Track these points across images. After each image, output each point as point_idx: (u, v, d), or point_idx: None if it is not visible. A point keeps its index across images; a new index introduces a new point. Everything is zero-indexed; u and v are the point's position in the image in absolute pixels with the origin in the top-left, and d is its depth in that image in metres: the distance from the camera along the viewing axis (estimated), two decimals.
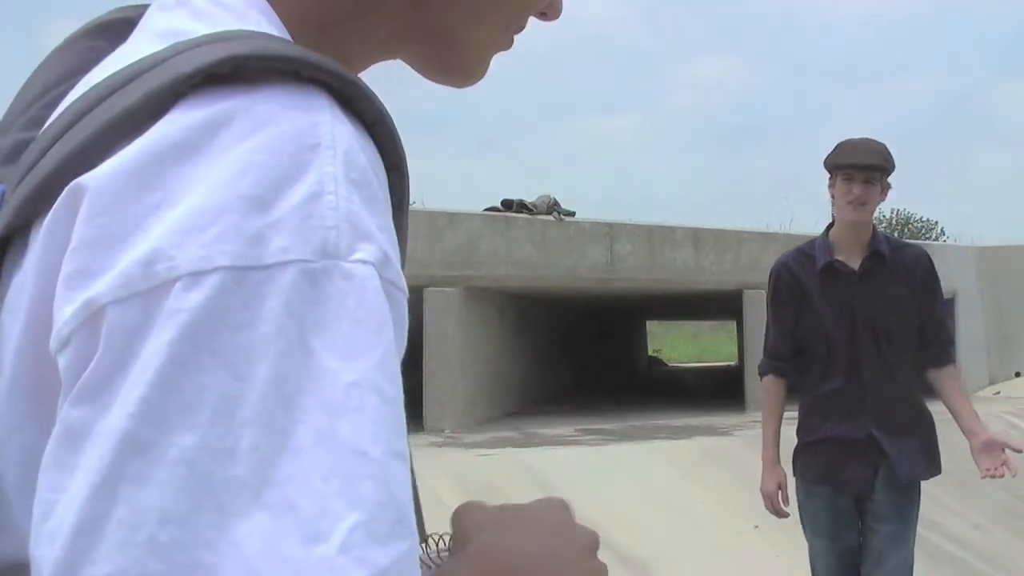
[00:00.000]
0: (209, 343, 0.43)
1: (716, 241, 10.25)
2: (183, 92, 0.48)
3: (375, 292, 0.46)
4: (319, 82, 0.50)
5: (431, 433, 8.31)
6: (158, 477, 0.41)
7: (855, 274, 3.30)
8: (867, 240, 3.33)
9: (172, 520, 0.41)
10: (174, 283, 0.43)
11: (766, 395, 3.45)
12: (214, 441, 0.42)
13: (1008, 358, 12.71)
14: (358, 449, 0.43)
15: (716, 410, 9.57)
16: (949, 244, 16.97)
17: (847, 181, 3.25)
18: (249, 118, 0.47)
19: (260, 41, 0.51)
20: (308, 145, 0.47)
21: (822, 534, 3.33)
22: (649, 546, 5.49)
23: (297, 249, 0.45)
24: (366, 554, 0.41)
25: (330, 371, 0.44)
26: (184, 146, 0.47)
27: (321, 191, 0.46)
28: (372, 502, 0.43)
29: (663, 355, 24.77)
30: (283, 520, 0.41)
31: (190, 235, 0.44)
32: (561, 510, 0.60)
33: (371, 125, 0.53)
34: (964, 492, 7.01)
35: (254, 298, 0.44)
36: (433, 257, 8.79)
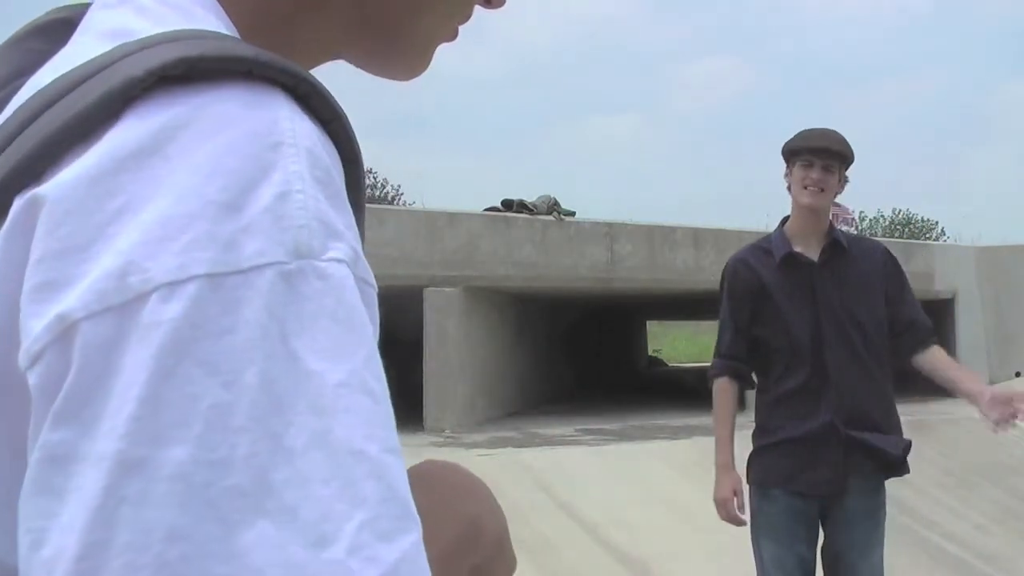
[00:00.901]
0: (193, 353, 0.42)
1: (716, 241, 10.25)
2: (134, 96, 0.47)
3: (351, 291, 0.46)
4: (273, 80, 0.49)
5: (431, 433, 8.31)
6: (157, 494, 0.40)
7: (815, 264, 3.20)
8: (824, 230, 3.24)
9: (177, 537, 0.40)
10: (150, 295, 0.42)
11: (721, 396, 3.30)
12: (209, 452, 0.41)
13: (1008, 358, 12.70)
14: (354, 449, 0.43)
15: None
16: (949, 244, 16.97)
17: (805, 167, 3.17)
18: (207, 120, 0.46)
19: (211, 41, 0.50)
20: (271, 144, 0.46)
21: (778, 540, 3.16)
22: (649, 546, 5.49)
23: (271, 251, 0.44)
24: (375, 553, 0.41)
25: (317, 372, 0.43)
26: (143, 151, 0.45)
27: (289, 190, 0.45)
28: (375, 500, 0.42)
29: (663, 355, 24.76)
30: (287, 526, 0.41)
31: (162, 244, 0.43)
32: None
33: (327, 122, 0.52)
34: (964, 492, 7.01)
35: (233, 304, 0.43)
36: (433, 257, 8.78)
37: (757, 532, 3.24)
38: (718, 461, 3.26)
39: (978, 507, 6.78)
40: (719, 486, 3.24)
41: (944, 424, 8.47)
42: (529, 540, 5.44)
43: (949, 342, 11.70)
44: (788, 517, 3.17)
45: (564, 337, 13.28)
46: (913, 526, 4.64)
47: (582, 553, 5.40)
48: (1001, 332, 12.65)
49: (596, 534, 5.61)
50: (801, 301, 3.18)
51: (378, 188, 36.00)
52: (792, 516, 3.17)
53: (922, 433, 3.36)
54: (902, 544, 3.37)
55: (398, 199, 34.26)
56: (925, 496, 3.42)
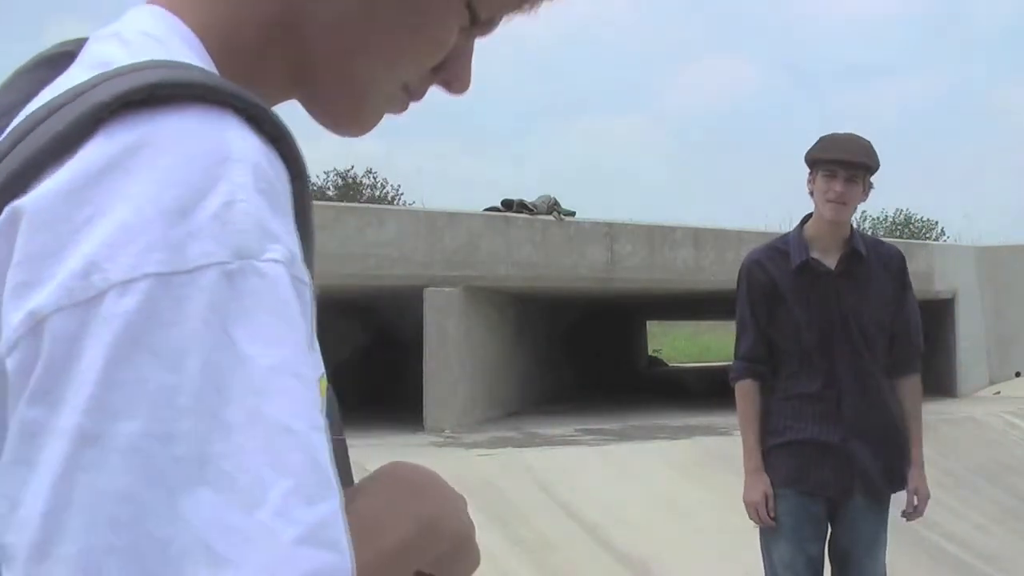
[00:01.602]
0: (144, 342, 0.48)
1: (716, 241, 10.25)
2: (103, 118, 0.54)
3: (285, 287, 0.53)
4: (226, 104, 0.56)
5: (431, 433, 8.30)
6: (110, 463, 0.46)
7: (832, 273, 3.17)
8: (845, 238, 3.20)
9: (126, 499, 0.46)
10: (108, 292, 0.49)
11: (745, 400, 3.24)
12: (157, 427, 0.47)
13: (1008, 358, 12.71)
14: (283, 425, 0.49)
15: (716, 410, 9.56)
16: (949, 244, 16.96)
17: (828, 178, 3.12)
18: (165, 138, 0.53)
19: (172, 70, 0.57)
20: (219, 159, 0.53)
21: (787, 540, 3.16)
22: (649, 546, 5.49)
23: (215, 253, 0.51)
24: (298, 515, 0.48)
25: (253, 358, 0.50)
26: (109, 167, 0.52)
27: (234, 199, 0.52)
28: (299, 470, 0.49)
29: (663, 355, 24.75)
30: (224, 492, 0.47)
31: (120, 247, 0.50)
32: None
33: (274, 141, 0.58)
34: (964, 492, 7.01)
35: (180, 300, 0.49)
36: (433, 257, 8.78)
37: (765, 532, 3.24)
38: (748, 465, 3.21)
39: (978, 507, 6.77)
40: (750, 489, 3.20)
41: (944, 424, 8.47)
42: (529, 540, 5.44)
43: (949, 342, 11.70)
44: (796, 517, 3.17)
45: (564, 337, 13.27)
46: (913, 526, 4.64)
47: (582, 553, 5.40)
48: (1001, 332, 12.65)
49: (596, 534, 5.61)
50: (814, 308, 3.16)
51: (378, 188, 35.97)
52: (800, 516, 3.17)
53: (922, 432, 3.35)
54: (902, 544, 3.38)
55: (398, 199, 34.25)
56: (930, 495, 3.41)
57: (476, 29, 0.73)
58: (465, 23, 0.71)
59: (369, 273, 8.56)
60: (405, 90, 0.74)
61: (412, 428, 8.43)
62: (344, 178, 35.55)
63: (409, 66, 0.72)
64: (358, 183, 35.54)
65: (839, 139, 3.21)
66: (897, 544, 3.35)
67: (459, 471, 6.29)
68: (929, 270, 11.29)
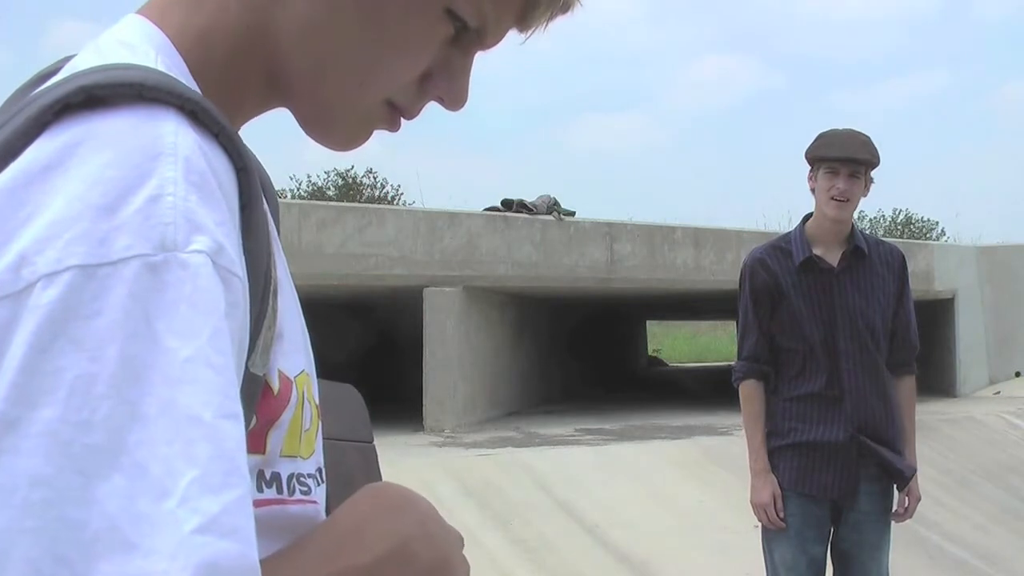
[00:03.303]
0: (65, 331, 0.50)
1: (716, 241, 10.25)
2: (47, 121, 0.56)
3: (208, 277, 0.54)
4: (164, 101, 0.58)
5: (431, 433, 8.30)
6: (27, 448, 0.48)
7: (834, 270, 3.17)
8: (846, 235, 3.20)
9: (41, 483, 0.48)
10: (36, 283, 0.51)
11: (748, 401, 3.23)
12: (73, 414, 0.49)
13: (1008, 358, 12.70)
14: (193, 415, 0.51)
15: (716, 410, 9.56)
16: (949, 244, 16.96)
17: (830, 175, 3.12)
18: (100, 137, 0.55)
19: (111, 72, 0.59)
20: (152, 155, 0.55)
21: (789, 542, 3.15)
22: (649, 545, 5.49)
23: (139, 246, 0.52)
24: (199, 504, 0.49)
25: (170, 349, 0.51)
26: (49, 166, 0.54)
27: (161, 193, 0.54)
28: (205, 459, 0.50)
29: (663, 355, 24.75)
30: (136, 480, 0.48)
31: (48, 242, 0.52)
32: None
33: (215, 135, 0.60)
34: (964, 492, 7.01)
35: (102, 291, 0.51)
36: (433, 257, 8.78)
37: (768, 533, 3.23)
38: (755, 466, 3.20)
39: (978, 507, 6.77)
40: (757, 490, 3.19)
41: (944, 424, 8.47)
42: (529, 540, 5.44)
43: (949, 342, 11.70)
44: (800, 519, 3.16)
45: (564, 337, 13.27)
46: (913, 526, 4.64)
47: (582, 553, 5.40)
48: (1001, 332, 12.65)
49: (596, 534, 5.61)
50: (818, 306, 3.15)
51: (378, 188, 35.95)
52: (804, 518, 3.16)
53: (922, 433, 3.35)
54: (902, 544, 3.38)
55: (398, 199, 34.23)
56: (925, 496, 3.41)
57: (472, 43, 0.72)
58: (450, 33, 0.70)
59: (369, 273, 8.56)
60: (390, 106, 0.73)
61: (412, 428, 8.43)
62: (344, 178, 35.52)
63: (384, 80, 0.71)
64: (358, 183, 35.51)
65: (839, 135, 3.20)
66: (897, 544, 3.35)
67: (459, 471, 6.30)
68: (929, 270, 11.29)
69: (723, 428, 8.25)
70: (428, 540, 0.68)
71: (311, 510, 0.68)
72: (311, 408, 0.69)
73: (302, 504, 0.67)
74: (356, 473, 0.82)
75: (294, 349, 0.68)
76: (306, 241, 8.15)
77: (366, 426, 0.87)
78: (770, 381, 3.26)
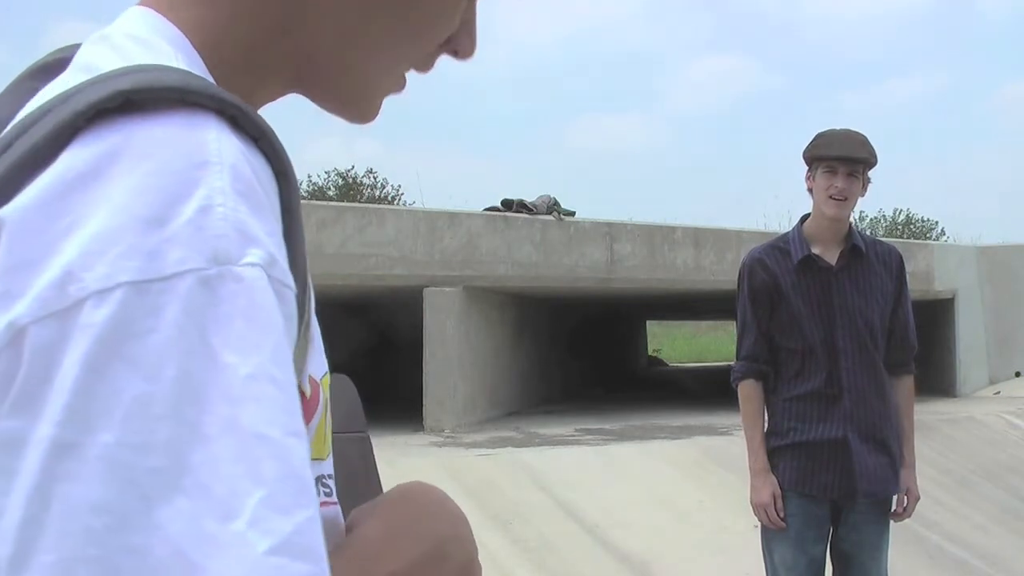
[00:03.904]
0: (119, 351, 0.48)
1: (716, 241, 10.25)
2: (80, 127, 0.54)
3: (263, 291, 0.52)
4: (203, 106, 0.55)
5: (431, 433, 8.30)
6: (86, 473, 0.46)
7: (833, 269, 3.17)
8: (844, 234, 3.21)
9: (102, 510, 0.46)
10: (85, 301, 0.49)
11: (748, 401, 3.23)
12: (132, 437, 0.47)
13: (1008, 358, 12.70)
14: (259, 433, 0.49)
15: (716, 410, 9.56)
16: (949, 244, 16.96)
17: (829, 174, 3.12)
18: (141, 144, 0.53)
19: (147, 74, 0.56)
20: (197, 163, 0.52)
21: (789, 542, 3.15)
22: (649, 546, 5.49)
23: (192, 259, 0.50)
24: (271, 525, 0.47)
25: (229, 366, 0.49)
26: (87, 175, 0.52)
27: (211, 204, 0.51)
28: (273, 479, 0.48)
29: (663, 355, 24.76)
30: (200, 502, 0.47)
31: (96, 256, 0.49)
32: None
33: (255, 140, 0.58)
34: (964, 492, 7.01)
35: (156, 307, 0.49)
36: (433, 257, 8.78)
37: (768, 533, 3.23)
38: (755, 466, 3.20)
39: (978, 507, 6.77)
40: (757, 490, 3.18)
41: (944, 424, 8.47)
42: (529, 540, 5.44)
43: (949, 342, 11.70)
44: (799, 519, 3.16)
45: (564, 337, 13.27)
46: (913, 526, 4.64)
47: (582, 553, 5.40)
48: (1001, 332, 12.65)
49: (596, 534, 5.61)
50: (817, 305, 3.15)
51: (378, 188, 35.95)
52: (803, 518, 3.16)
53: (921, 433, 3.35)
54: (902, 544, 3.38)
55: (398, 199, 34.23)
56: (925, 496, 3.41)
57: None
58: None
59: (369, 273, 8.56)
60: (408, 70, 0.73)
61: (412, 428, 8.43)
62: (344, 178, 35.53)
63: (420, 50, 0.72)
64: (358, 183, 35.52)
65: (836, 135, 3.20)
66: (897, 544, 3.35)
67: (459, 471, 6.29)
68: (929, 270, 11.29)
69: (723, 428, 8.25)
70: (460, 542, 0.70)
71: (333, 511, 0.69)
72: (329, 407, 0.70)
73: (327, 506, 0.67)
74: (356, 465, 0.83)
75: (318, 351, 0.68)
76: (306, 241, 8.13)
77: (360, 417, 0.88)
78: (769, 381, 3.26)
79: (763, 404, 3.24)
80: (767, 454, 3.20)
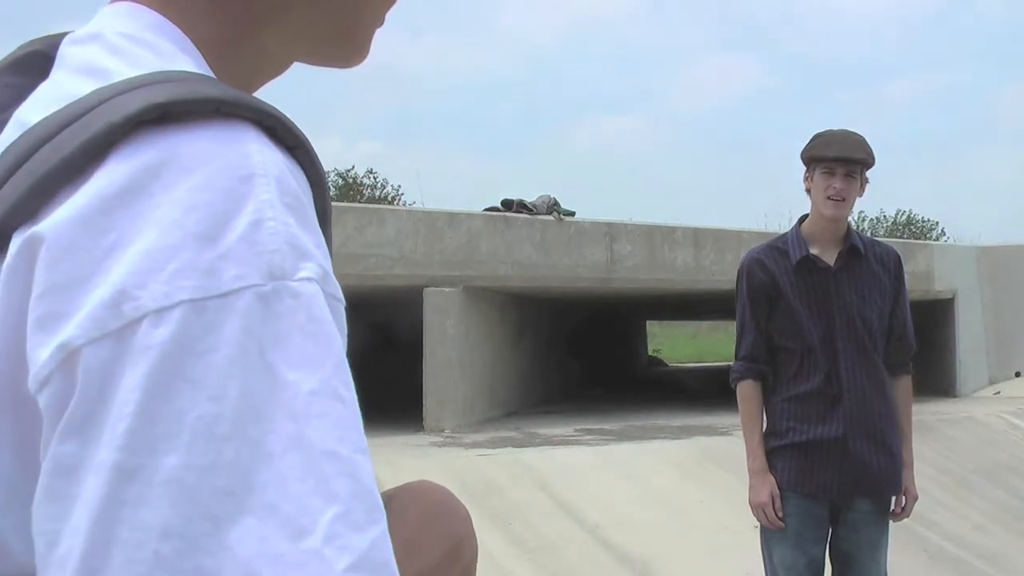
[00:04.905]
0: (181, 371, 0.47)
1: (716, 241, 10.24)
2: (115, 140, 0.52)
3: (320, 307, 0.51)
4: (240, 116, 0.54)
5: (431, 433, 8.30)
6: (152, 497, 0.45)
7: (831, 269, 3.17)
8: (842, 234, 3.21)
9: (171, 534, 0.45)
10: (141, 320, 0.47)
11: (746, 401, 3.23)
12: (198, 458, 0.46)
13: (1008, 358, 12.70)
14: (328, 450, 0.48)
15: (716, 410, 9.56)
16: (949, 244, 16.96)
17: (827, 175, 3.13)
18: (184, 158, 0.51)
19: (181, 84, 0.55)
20: (243, 177, 0.51)
21: (788, 542, 3.15)
22: (649, 546, 5.49)
23: (248, 275, 0.49)
24: (348, 541, 0.47)
25: (291, 383, 0.48)
26: (129, 191, 0.50)
27: (262, 218, 0.50)
28: (347, 495, 0.48)
29: (663, 355, 24.75)
30: (269, 521, 0.46)
31: (150, 275, 0.48)
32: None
33: (292, 149, 0.57)
34: (964, 492, 7.01)
35: (215, 325, 0.48)
36: (433, 257, 8.78)
37: (767, 534, 3.23)
38: (753, 466, 3.20)
39: (978, 507, 6.77)
40: (756, 491, 3.18)
41: (944, 424, 8.47)
42: (529, 540, 5.44)
43: (949, 342, 11.70)
44: (799, 519, 3.16)
45: (564, 337, 13.27)
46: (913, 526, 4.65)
47: (582, 553, 5.40)
48: (1001, 332, 12.64)
49: (596, 534, 5.61)
50: (815, 305, 3.16)
51: (378, 188, 35.94)
52: (803, 518, 3.16)
53: (921, 433, 3.35)
54: (901, 544, 3.37)
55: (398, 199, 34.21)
56: (925, 496, 3.41)
57: None
58: None
59: (369, 273, 8.56)
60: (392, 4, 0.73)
61: (412, 428, 8.42)
62: (344, 178, 35.51)
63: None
64: (358, 183, 35.51)
65: (834, 136, 3.21)
66: (897, 544, 3.36)
67: (459, 471, 6.29)
68: (929, 270, 11.29)
69: (723, 428, 8.25)
70: (470, 539, 0.73)
71: None
72: None
73: None
74: None
75: None
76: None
77: None
78: (768, 381, 3.26)
79: (762, 404, 3.24)
80: (766, 454, 3.21)
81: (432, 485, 0.73)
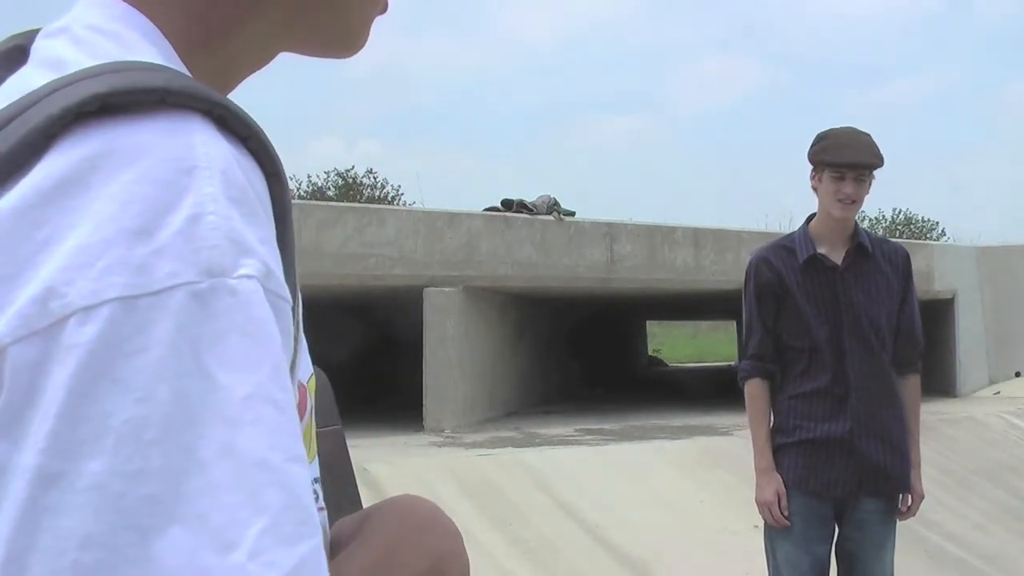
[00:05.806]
0: (108, 372, 0.45)
1: (716, 241, 10.24)
2: (55, 132, 0.50)
3: (260, 305, 0.49)
4: (188, 107, 0.52)
5: (431, 433, 8.29)
6: (74, 504, 0.43)
7: (839, 268, 3.17)
8: (850, 233, 3.21)
9: (92, 543, 0.43)
10: (69, 319, 0.45)
11: (754, 400, 3.24)
12: (123, 464, 0.44)
13: (1008, 358, 12.69)
14: (259, 459, 0.46)
15: (716, 410, 9.56)
16: (949, 244, 16.96)
17: (837, 179, 3.12)
18: (123, 150, 0.49)
19: (126, 74, 0.52)
20: (185, 169, 0.49)
21: (793, 541, 3.15)
22: (649, 546, 5.49)
23: (183, 272, 0.47)
24: (274, 557, 0.45)
25: (225, 386, 0.46)
26: (64, 184, 0.48)
27: (201, 212, 0.48)
28: (276, 507, 0.46)
29: (663, 355, 24.75)
30: (197, 532, 0.44)
31: (79, 271, 0.46)
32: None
33: (244, 140, 0.54)
34: (964, 492, 7.01)
35: (146, 324, 0.46)
36: (433, 257, 8.78)
37: (771, 532, 3.22)
38: (760, 464, 3.20)
39: (978, 507, 6.77)
40: (762, 489, 3.18)
41: (944, 424, 8.46)
42: (529, 540, 5.43)
43: (949, 342, 11.69)
44: (803, 517, 3.15)
45: (564, 337, 13.27)
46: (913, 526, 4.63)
47: (582, 553, 5.40)
48: (1001, 332, 12.64)
49: (596, 534, 5.61)
50: (823, 304, 3.15)
51: (378, 188, 35.93)
52: (807, 516, 3.15)
53: (922, 433, 3.34)
54: (902, 543, 3.37)
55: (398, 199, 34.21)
56: (926, 496, 3.41)
57: None
58: None
59: (369, 273, 8.55)
60: None
61: (412, 428, 8.42)
62: (344, 178, 35.51)
63: None
64: (358, 183, 35.50)
65: (843, 138, 3.19)
66: (897, 544, 3.35)
67: (459, 471, 6.29)
68: (929, 270, 11.29)
69: (723, 428, 8.25)
70: (456, 557, 0.70)
71: (322, 518, 0.67)
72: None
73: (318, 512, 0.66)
74: (332, 460, 0.82)
75: (304, 353, 0.65)
76: (306, 241, 8.13)
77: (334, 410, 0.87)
78: (775, 379, 3.25)
79: (769, 403, 3.24)
80: (773, 451, 3.20)
81: (416, 499, 0.71)
